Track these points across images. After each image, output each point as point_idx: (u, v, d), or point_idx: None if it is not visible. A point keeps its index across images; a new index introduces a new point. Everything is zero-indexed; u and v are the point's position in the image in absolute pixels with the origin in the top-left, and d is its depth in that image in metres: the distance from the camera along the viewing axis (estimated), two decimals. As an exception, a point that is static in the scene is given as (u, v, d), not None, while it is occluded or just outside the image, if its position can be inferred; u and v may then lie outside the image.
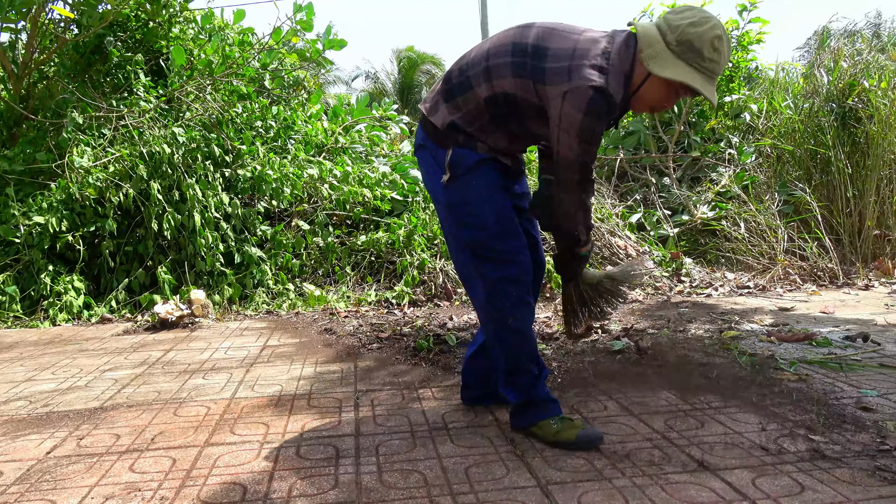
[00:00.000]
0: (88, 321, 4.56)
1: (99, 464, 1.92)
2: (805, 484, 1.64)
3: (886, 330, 3.46)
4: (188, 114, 5.76)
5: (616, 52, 1.75)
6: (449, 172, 1.90)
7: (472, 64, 1.88)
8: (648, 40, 1.74)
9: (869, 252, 5.79)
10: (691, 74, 1.71)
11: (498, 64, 1.82)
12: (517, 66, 1.79)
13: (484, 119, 1.88)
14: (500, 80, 1.82)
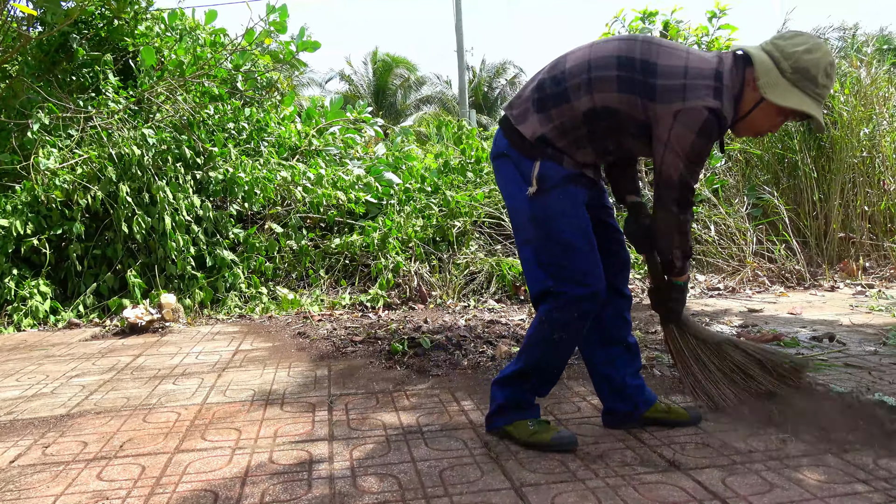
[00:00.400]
0: (55, 326, 4.46)
1: (65, 472, 1.87)
2: (773, 482, 1.67)
3: (851, 330, 3.54)
4: (158, 115, 5.67)
5: (727, 73, 1.73)
6: (537, 186, 1.83)
7: (571, 74, 1.81)
8: (764, 68, 1.72)
9: (834, 254, 5.93)
10: (807, 102, 1.71)
11: (601, 77, 1.76)
12: (624, 80, 1.74)
13: (579, 133, 1.82)
14: (603, 93, 1.76)
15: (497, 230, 5.90)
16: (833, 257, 5.91)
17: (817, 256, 5.91)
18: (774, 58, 1.72)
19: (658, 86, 1.72)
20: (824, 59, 1.69)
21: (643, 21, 7.98)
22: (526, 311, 4.39)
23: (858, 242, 5.94)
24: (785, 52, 1.71)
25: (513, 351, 3.16)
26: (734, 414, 2.13)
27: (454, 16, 16.81)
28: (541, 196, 1.84)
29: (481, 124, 23.55)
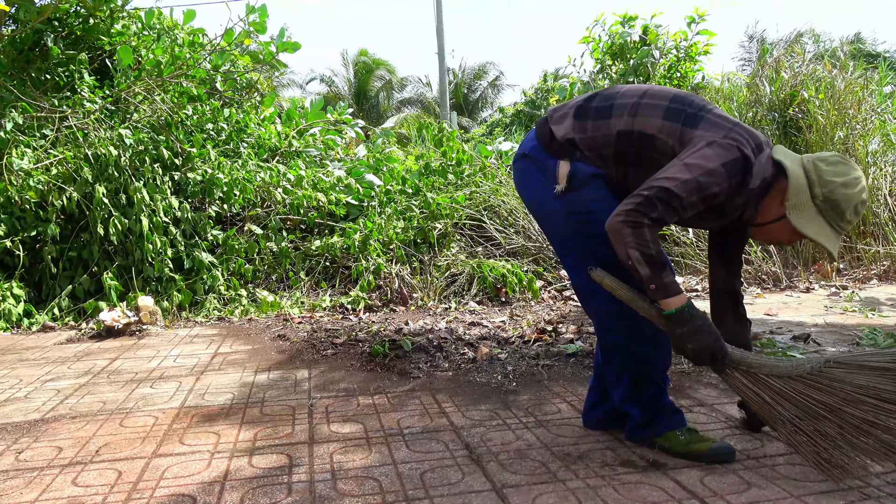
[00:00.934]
0: (29, 330, 4.38)
1: (39, 478, 1.84)
2: (751, 481, 1.69)
3: (826, 331, 3.60)
4: (136, 115, 5.60)
5: (765, 158, 1.70)
6: (566, 183, 1.80)
7: (622, 95, 1.81)
8: (797, 187, 1.66)
9: (809, 256, 6.02)
10: (827, 234, 1.66)
11: (651, 104, 1.76)
12: (672, 111, 1.73)
13: (606, 151, 1.78)
14: (645, 118, 1.74)
15: (478, 232, 5.91)
16: (808, 259, 6.01)
17: (793, 258, 6.00)
18: (811, 180, 1.65)
19: (705, 118, 1.70)
20: (857, 197, 1.64)
21: (623, 25, 8.07)
22: (507, 313, 4.41)
23: (832, 244, 6.04)
24: (823, 178, 1.64)
25: (494, 352, 3.17)
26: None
27: (435, 17, 16.83)
28: (572, 192, 1.80)
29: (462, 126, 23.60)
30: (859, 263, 5.92)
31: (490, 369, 2.91)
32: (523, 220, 5.85)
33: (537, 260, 5.63)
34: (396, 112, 27.81)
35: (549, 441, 2.01)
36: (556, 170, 1.82)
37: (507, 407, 2.38)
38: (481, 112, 30.18)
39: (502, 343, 3.45)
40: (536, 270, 5.45)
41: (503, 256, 5.57)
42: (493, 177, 6.55)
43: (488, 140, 11.65)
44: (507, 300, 4.90)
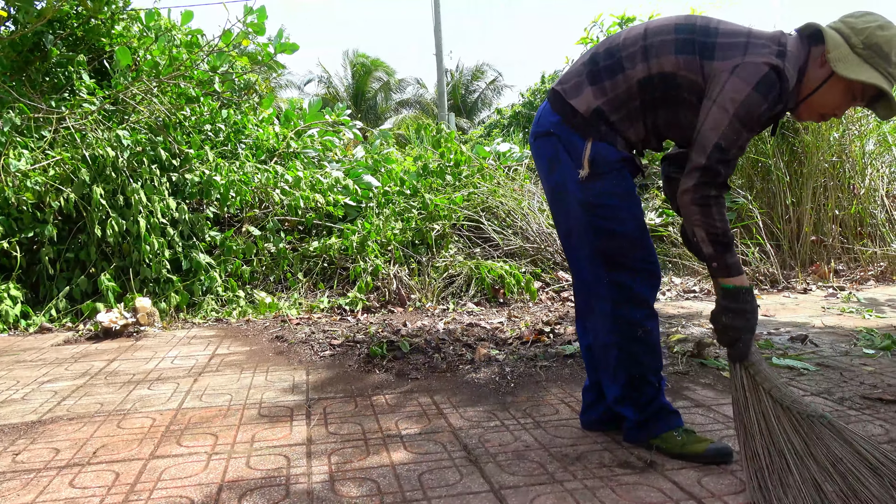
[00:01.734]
0: (26, 331, 4.37)
1: (36, 480, 1.84)
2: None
3: (823, 332, 3.61)
4: (134, 116, 5.59)
5: (792, 44, 1.65)
6: (589, 169, 1.74)
7: (625, 45, 1.73)
8: (835, 43, 1.60)
9: (807, 257, 6.04)
10: (880, 78, 1.58)
11: (658, 42, 1.69)
12: (682, 42, 1.67)
13: (633, 105, 1.73)
14: (659, 58, 1.68)
15: (476, 233, 5.91)
16: (805, 260, 6.02)
17: (790, 259, 6.02)
18: (844, 34, 1.60)
19: (718, 44, 1.64)
20: None
21: (621, 26, 8.08)
22: (505, 314, 4.41)
23: (830, 245, 6.06)
24: (855, 27, 1.59)
25: (492, 353, 3.17)
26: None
27: (433, 18, 16.85)
28: (593, 180, 1.75)
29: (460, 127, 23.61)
30: (856, 265, 5.94)
31: (488, 370, 2.91)
32: (521, 222, 5.85)
33: (535, 261, 5.64)
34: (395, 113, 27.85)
35: (546, 442, 2.01)
36: (583, 151, 1.75)
37: (505, 408, 2.38)
38: (479, 113, 30.22)
39: (500, 344, 3.45)
40: (534, 271, 5.45)
41: (501, 257, 5.58)
42: (491, 178, 6.55)
43: (486, 141, 11.66)
44: (505, 301, 4.91)
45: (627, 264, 1.78)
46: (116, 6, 6.06)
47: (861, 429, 2.06)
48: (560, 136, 1.79)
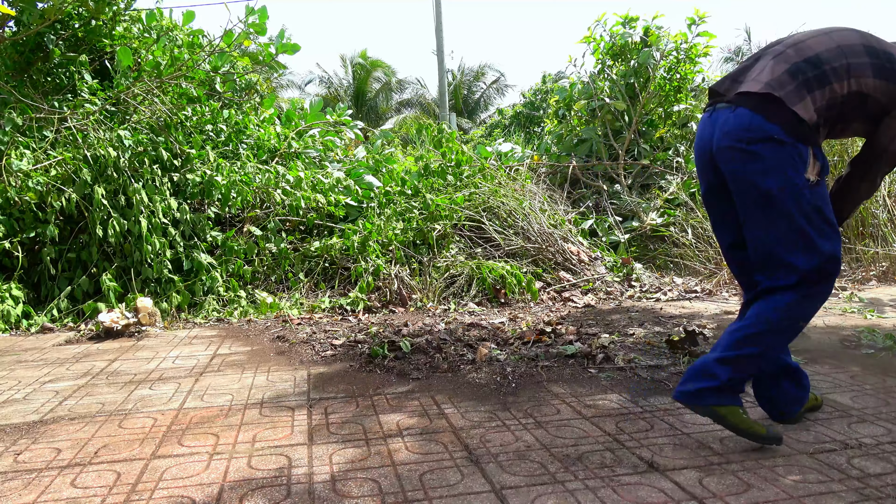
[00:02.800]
0: (27, 331, 4.38)
1: (38, 480, 1.84)
2: (750, 482, 1.69)
3: (825, 332, 3.60)
4: (135, 116, 5.60)
5: None
6: (815, 176, 1.83)
7: (827, 59, 1.86)
8: None
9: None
10: None
11: (857, 63, 1.85)
12: (879, 68, 1.85)
13: (831, 114, 1.88)
14: (859, 79, 1.85)
15: (477, 233, 5.92)
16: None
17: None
18: None
19: None
20: None
21: (624, 26, 8.09)
22: (506, 314, 4.41)
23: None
24: None
25: (493, 354, 3.17)
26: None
27: (434, 18, 16.83)
28: (817, 187, 1.85)
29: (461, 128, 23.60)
30: (858, 265, 5.93)
31: (489, 370, 2.91)
32: (522, 222, 5.85)
33: (536, 261, 5.64)
34: (396, 113, 27.85)
35: (548, 442, 2.01)
36: (808, 158, 1.83)
37: (507, 408, 2.38)
38: (481, 113, 30.23)
39: (501, 344, 3.44)
40: (535, 272, 5.45)
41: (502, 258, 5.58)
42: (493, 178, 6.55)
43: (488, 141, 11.66)
44: (507, 301, 4.91)
45: (830, 269, 1.87)
46: (118, 7, 6.06)
47: (863, 429, 2.06)
48: (786, 142, 1.82)
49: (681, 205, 6.44)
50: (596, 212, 6.97)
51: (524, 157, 8.35)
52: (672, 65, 7.99)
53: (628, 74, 7.95)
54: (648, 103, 7.95)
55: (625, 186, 7.30)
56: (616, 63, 8.24)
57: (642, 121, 8.06)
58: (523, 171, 7.12)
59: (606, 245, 6.24)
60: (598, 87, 8.13)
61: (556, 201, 6.67)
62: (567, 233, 5.95)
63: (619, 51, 8.14)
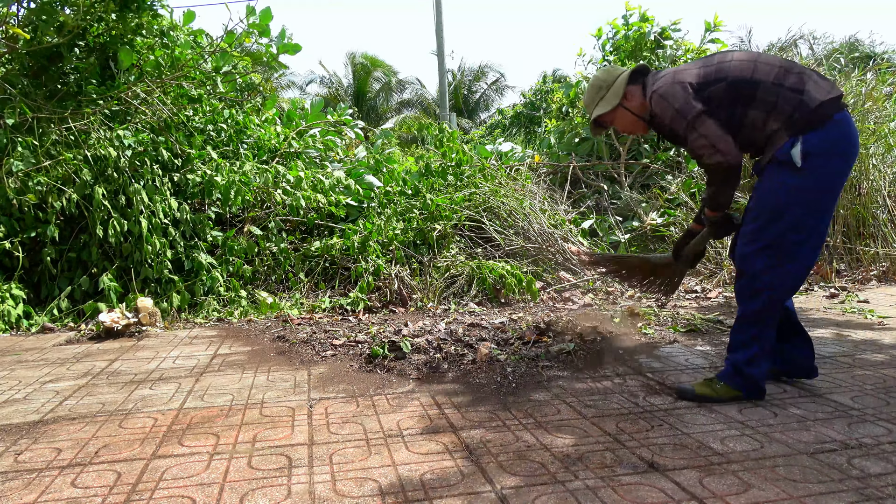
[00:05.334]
0: (28, 331, 4.38)
1: (38, 480, 1.84)
2: (750, 482, 1.69)
3: (824, 333, 3.60)
4: (136, 116, 5.59)
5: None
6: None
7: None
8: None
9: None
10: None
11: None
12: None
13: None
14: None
15: (478, 233, 5.91)
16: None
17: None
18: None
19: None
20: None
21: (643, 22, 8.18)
22: (506, 315, 4.40)
23: (832, 246, 6.05)
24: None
25: (493, 354, 3.17)
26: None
27: (434, 18, 16.83)
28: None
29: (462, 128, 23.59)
30: (858, 265, 5.93)
31: (489, 370, 2.91)
32: (523, 222, 5.85)
33: (536, 261, 5.63)
34: (396, 113, 27.84)
35: (548, 442, 2.01)
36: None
37: (507, 408, 2.38)
38: (481, 113, 30.22)
39: (502, 344, 3.44)
40: (536, 272, 5.45)
41: (503, 258, 5.57)
42: (493, 178, 6.55)
43: (488, 141, 11.66)
44: (507, 301, 4.90)
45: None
46: (140, 21, 6.01)
47: (864, 430, 2.06)
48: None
49: (681, 205, 6.43)
50: (596, 212, 6.97)
51: (524, 156, 8.35)
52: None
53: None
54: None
55: (625, 186, 7.30)
56: (627, 61, 8.26)
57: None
58: (523, 171, 7.12)
59: (607, 245, 6.23)
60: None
61: (556, 201, 6.66)
62: (567, 233, 5.95)
63: (633, 47, 8.18)
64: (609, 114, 2.53)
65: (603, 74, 2.56)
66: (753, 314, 2.30)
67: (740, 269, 2.32)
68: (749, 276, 2.29)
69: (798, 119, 2.16)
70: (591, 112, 2.58)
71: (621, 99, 2.49)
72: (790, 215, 2.19)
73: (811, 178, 2.16)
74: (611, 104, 2.49)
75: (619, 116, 2.54)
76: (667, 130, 2.42)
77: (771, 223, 2.23)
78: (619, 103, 2.49)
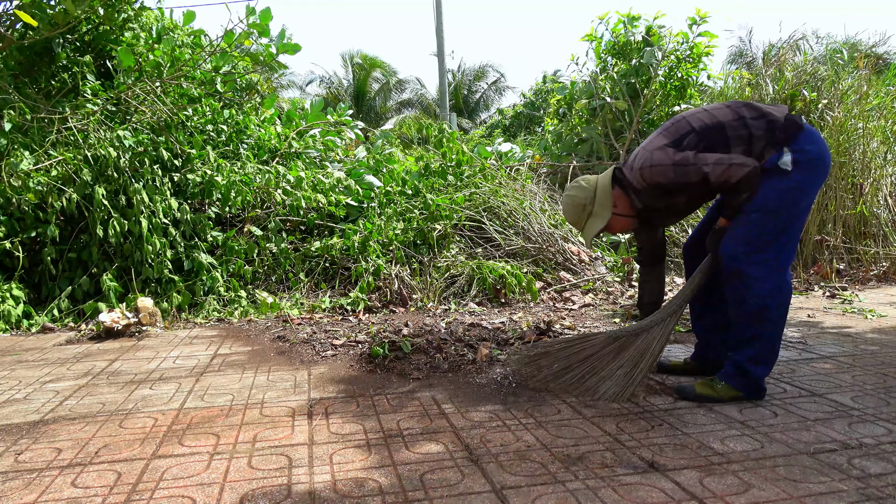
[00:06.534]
0: (28, 331, 4.38)
1: (39, 480, 1.84)
2: (750, 482, 1.69)
3: (824, 332, 3.60)
4: (136, 116, 5.59)
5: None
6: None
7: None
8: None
9: (809, 257, 6.03)
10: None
11: None
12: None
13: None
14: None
15: (478, 233, 5.91)
16: (808, 260, 6.01)
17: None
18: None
19: None
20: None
21: (627, 24, 8.10)
22: (506, 314, 4.40)
23: (832, 245, 6.05)
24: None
25: (493, 353, 3.17)
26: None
27: (434, 19, 16.83)
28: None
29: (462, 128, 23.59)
30: (859, 265, 5.92)
31: (490, 370, 2.91)
32: (523, 222, 5.85)
33: (537, 261, 5.63)
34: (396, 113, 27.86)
35: (548, 442, 2.01)
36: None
37: (507, 408, 2.38)
38: (481, 114, 30.22)
39: (502, 344, 3.44)
40: (536, 272, 5.45)
41: (503, 258, 5.57)
42: (493, 178, 6.55)
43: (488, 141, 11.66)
44: (507, 301, 4.90)
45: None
46: (127, 14, 6.03)
47: (864, 430, 2.06)
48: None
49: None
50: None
51: (524, 157, 8.35)
52: (673, 64, 7.99)
53: (629, 74, 7.95)
54: (650, 103, 7.95)
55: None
56: (618, 62, 8.25)
57: (643, 120, 8.05)
58: (523, 171, 7.12)
59: (607, 245, 6.23)
60: (599, 87, 8.12)
61: (556, 201, 6.66)
62: (567, 233, 5.95)
63: (621, 49, 8.14)
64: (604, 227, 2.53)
65: (577, 192, 2.54)
66: (751, 314, 2.31)
67: (734, 270, 2.32)
68: (744, 277, 2.30)
69: (777, 135, 2.27)
70: (581, 230, 2.57)
71: (612, 208, 2.49)
72: (781, 216, 2.26)
73: (798, 180, 2.25)
74: (605, 218, 2.49)
75: (611, 224, 2.54)
76: (664, 199, 2.45)
77: (763, 224, 2.27)
78: (612, 213, 2.50)
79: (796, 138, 2.27)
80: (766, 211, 2.26)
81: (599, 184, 2.52)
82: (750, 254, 2.29)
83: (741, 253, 2.31)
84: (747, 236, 2.30)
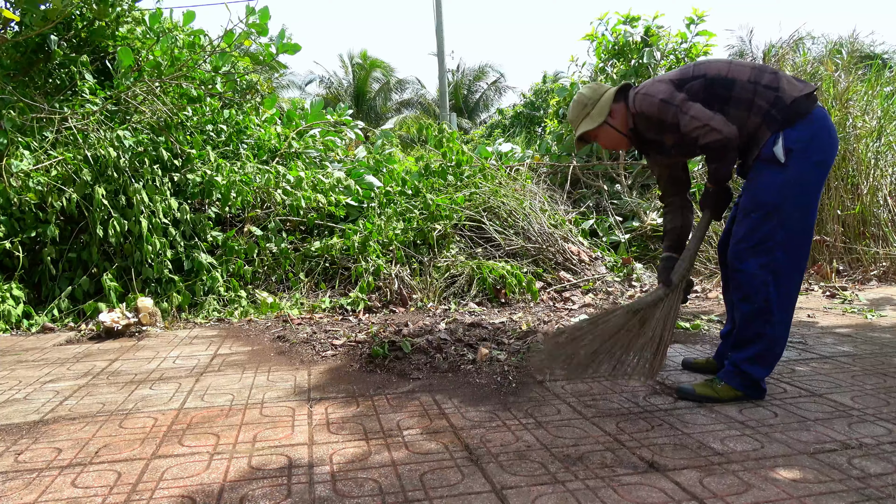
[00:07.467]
0: (28, 331, 4.38)
1: (38, 479, 1.84)
2: (750, 482, 1.69)
3: (824, 332, 3.60)
4: (136, 116, 5.59)
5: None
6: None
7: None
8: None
9: (809, 257, 6.02)
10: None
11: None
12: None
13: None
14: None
15: (478, 233, 5.91)
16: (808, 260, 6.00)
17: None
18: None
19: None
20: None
21: (626, 24, 8.11)
22: (506, 314, 4.41)
23: (832, 245, 6.05)
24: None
25: (493, 354, 3.17)
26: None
27: (434, 19, 16.83)
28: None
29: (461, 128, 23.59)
30: (858, 265, 5.93)
31: (490, 370, 2.91)
32: (523, 222, 5.85)
33: (537, 261, 5.63)
34: (395, 113, 27.86)
35: (548, 442, 2.01)
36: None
37: (507, 408, 2.38)
38: (481, 114, 30.21)
39: (502, 344, 3.44)
40: (536, 272, 5.45)
41: (503, 258, 5.57)
42: (493, 178, 6.55)
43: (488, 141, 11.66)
44: (507, 301, 4.90)
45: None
46: (122, 9, 6.04)
47: (864, 430, 2.06)
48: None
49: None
50: (596, 212, 6.97)
51: (524, 157, 8.35)
52: (672, 64, 7.98)
53: (629, 74, 7.95)
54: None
55: (625, 186, 7.30)
56: (617, 62, 8.25)
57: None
58: (524, 171, 7.12)
59: (607, 245, 6.23)
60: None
61: (556, 201, 6.67)
62: (567, 233, 5.95)
63: (621, 50, 8.14)
64: (594, 130, 2.58)
65: (588, 92, 2.60)
66: (752, 314, 2.31)
67: (737, 268, 2.33)
68: (746, 275, 2.30)
69: (776, 115, 2.24)
70: (576, 128, 2.62)
71: (606, 116, 2.54)
72: (781, 212, 2.24)
73: (795, 173, 2.22)
74: (596, 121, 2.54)
75: (602, 133, 2.59)
76: (653, 131, 2.46)
77: (763, 221, 2.27)
78: (605, 120, 2.54)
79: (794, 124, 2.23)
80: (766, 209, 2.26)
81: (606, 93, 2.58)
82: (753, 253, 2.29)
83: (744, 252, 2.31)
84: (749, 236, 2.30)
